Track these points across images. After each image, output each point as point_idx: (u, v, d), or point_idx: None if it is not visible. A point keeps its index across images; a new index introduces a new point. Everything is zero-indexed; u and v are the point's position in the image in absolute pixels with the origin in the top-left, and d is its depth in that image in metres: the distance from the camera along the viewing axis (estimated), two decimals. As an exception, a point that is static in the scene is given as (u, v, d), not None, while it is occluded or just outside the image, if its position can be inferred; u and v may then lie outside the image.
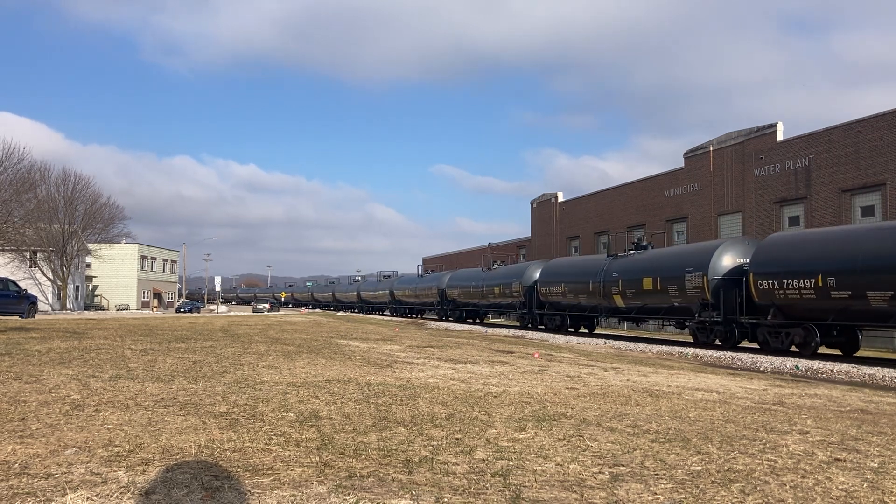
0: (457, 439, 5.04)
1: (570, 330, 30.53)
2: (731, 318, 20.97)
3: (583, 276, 28.52)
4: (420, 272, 56.49)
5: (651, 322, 29.16)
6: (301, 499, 3.46)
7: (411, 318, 51.63)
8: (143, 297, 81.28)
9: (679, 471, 4.26)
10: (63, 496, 3.39)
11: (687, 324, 23.53)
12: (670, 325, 26.46)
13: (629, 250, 27.39)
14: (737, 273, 21.03)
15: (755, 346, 20.99)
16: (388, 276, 62.87)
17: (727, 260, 21.44)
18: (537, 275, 32.85)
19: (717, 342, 21.83)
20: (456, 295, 43.31)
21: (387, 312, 60.70)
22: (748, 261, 20.80)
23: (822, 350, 18.73)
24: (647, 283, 24.10)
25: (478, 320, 43.55)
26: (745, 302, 20.28)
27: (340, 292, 76.43)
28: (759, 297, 19.57)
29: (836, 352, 19.36)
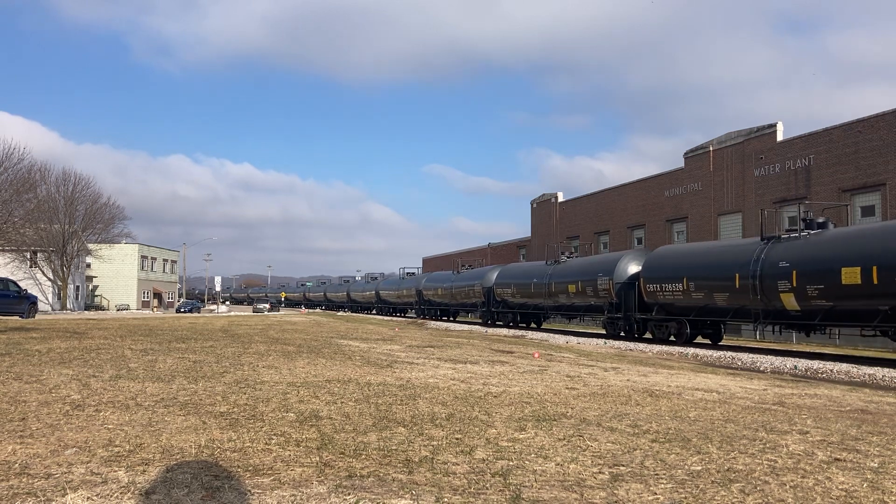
0: (457, 439, 5.04)
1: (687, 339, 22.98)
2: None
3: (721, 268, 21.33)
4: (453, 272, 48.17)
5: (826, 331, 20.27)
6: (301, 499, 3.47)
7: (445, 321, 45.73)
8: (144, 298, 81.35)
9: (679, 471, 4.26)
10: (63, 496, 3.40)
11: None
12: (860, 335, 18.95)
13: (799, 230, 19.61)
14: None
15: None
16: (412, 274, 58.42)
17: None
18: (636, 268, 25.85)
19: None
20: (508, 294, 36.19)
21: (411, 314, 55.91)
22: None
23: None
24: (849, 276, 16.96)
25: (532, 324, 36.29)
26: None
27: (356, 291, 73.54)
28: None
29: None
